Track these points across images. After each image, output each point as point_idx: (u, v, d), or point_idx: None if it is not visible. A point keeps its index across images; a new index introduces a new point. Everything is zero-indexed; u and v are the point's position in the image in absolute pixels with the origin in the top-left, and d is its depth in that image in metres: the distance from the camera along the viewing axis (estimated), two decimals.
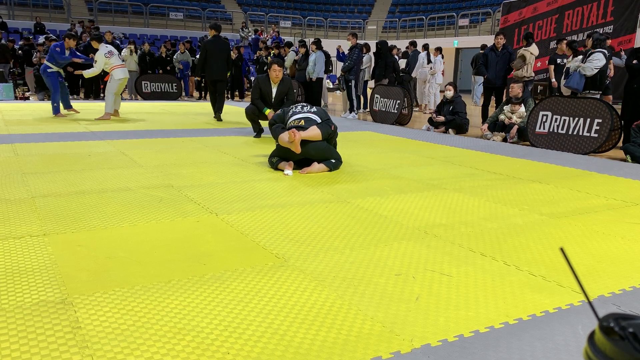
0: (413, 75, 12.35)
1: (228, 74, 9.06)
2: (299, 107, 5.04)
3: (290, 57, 12.10)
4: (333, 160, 4.71)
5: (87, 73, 8.89)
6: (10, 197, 3.56)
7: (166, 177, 4.34)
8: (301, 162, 4.78)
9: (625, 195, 4.07)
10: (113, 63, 8.75)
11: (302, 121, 4.70)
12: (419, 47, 12.62)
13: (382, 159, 5.46)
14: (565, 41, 9.09)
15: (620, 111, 6.69)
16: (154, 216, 3.20)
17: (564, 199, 3.90)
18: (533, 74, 8.76)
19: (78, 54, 9.29)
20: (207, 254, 2.58)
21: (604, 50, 7.21)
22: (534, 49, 8.57)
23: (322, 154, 4.65)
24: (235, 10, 24.62)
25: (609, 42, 7.80)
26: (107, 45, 8.93)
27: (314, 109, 4.92)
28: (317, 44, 10.91)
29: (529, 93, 7.63)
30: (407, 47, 12.83)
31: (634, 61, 6.68)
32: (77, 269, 2.35)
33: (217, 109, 8.99)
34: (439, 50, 12.07)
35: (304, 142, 4.55)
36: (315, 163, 4.64)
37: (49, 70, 8.72)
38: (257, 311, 1.98)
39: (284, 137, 4.58)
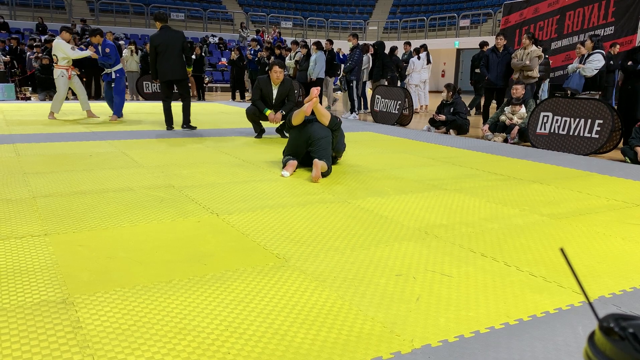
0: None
1: (189, 69, 7.46)
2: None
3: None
4: (328, 161, 4.59)
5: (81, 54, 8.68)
6: (11, 197, 3.57)
7: (167, 177, 4.34)
8: (305, 162, 4.79)
9: (625, 196, 4.07)
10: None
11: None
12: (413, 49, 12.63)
13: (383, 160, 5.46)
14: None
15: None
16: (155, 216, 3.21)
17: (565, 199, 3.90)
18: (538, 75, 8.72)
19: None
20: (207, 254, 2.58)
21: (602, 51, 7.22)
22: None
23: (322, 142, 4.60)
24: (237, 11, 24.63)
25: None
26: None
27: None
28: (319, 45, 10.96)
29: (529, 94, 7.62)
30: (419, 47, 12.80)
31: (629, 63, 6.69)
32: (78, 269, 2.35)
33: (185, 117, 7.55)
34: (416, 51, 12.06)
35: (311, 123, 4.68)
36: (316, 161, 4.56)
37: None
38: (258, 311, 1.98)
39: (300, 110, 4.67)
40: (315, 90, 4.66)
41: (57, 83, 8.49)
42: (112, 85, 8.63)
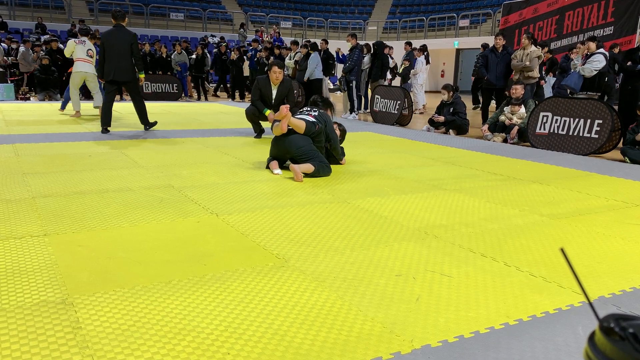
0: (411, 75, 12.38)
1: (142, 75, 7.26)
2: (305, 109, 5.03)
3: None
4: (317, 162, 4.54)
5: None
6: (11, 197, 3.56)
7: (167, 177, 4.34)
8: (296, 163, 4.78)
9: (625, 196, 4.07)
10: (77, 55, 8.66)
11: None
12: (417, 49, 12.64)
13: (383, 160, 5.46)
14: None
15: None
16: (155, 216, 3.21)
17: (565, 199, 3.90)
18: (539, 75, 8.70)
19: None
20: (207, 254, 2.58)
21: (604, 52, 7.22)
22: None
23: (302, 151, 4.56)
24: (236, 11, 24.62)
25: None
26: (83, 40, 8.87)
27: (317, 112, 4.87)
28: (313, 46, 11.00)
29: (529, 94, 7.62)
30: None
31: (629, 63, 6.70)
32: (77, 269, 2.35)
33: (141, 118, 7.29)
34: (421, 50, 12.07)
35: (288, 135, 4.62)
36: (291, 165, 4.48)
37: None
38: (258, 312, 1.98)
39: (278, 126, 4.65)
40: (284, 109, 4.52)
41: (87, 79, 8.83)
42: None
